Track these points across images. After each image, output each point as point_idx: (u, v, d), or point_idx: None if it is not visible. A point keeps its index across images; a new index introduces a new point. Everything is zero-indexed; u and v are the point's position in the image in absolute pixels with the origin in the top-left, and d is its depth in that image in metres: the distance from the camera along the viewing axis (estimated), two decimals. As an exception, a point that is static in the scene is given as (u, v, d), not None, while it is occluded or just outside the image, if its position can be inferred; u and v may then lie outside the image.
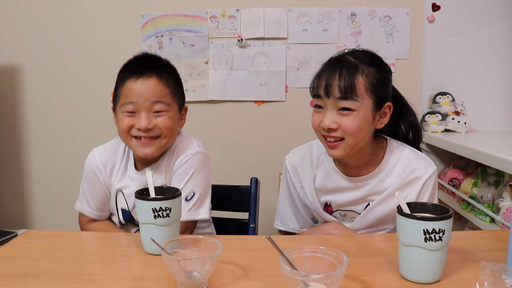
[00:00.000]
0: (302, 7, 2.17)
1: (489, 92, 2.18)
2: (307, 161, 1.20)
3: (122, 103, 1.11)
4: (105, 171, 1.21)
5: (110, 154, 1.22)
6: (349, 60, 1.06)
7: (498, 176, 1.70)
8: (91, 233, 1.11)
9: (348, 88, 1.02)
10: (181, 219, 0.99)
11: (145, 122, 1.08)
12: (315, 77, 1.10)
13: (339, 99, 1.03)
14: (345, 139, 1.04)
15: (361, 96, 1.03)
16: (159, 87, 1.11)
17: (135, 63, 1.15)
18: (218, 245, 0.78)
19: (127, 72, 1.12)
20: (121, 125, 1.11)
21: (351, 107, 1.03)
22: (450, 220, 0.76)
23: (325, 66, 1.09)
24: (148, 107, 1.10)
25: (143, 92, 1.09)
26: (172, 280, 0.79)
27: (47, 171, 2.36)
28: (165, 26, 2.21)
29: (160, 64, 1.15)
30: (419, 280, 0.78)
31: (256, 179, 1.41)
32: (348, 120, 1.03)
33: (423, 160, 1.12)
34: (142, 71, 1.10)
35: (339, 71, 1.03)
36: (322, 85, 1.05)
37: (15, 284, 0.80)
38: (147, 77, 1.10)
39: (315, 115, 1.09)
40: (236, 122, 2.25)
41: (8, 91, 2.32)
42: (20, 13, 2.27)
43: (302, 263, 0.74)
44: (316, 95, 1.07)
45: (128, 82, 1.10)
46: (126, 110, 1.10)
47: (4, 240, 1.94)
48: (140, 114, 1.09)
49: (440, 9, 2.15)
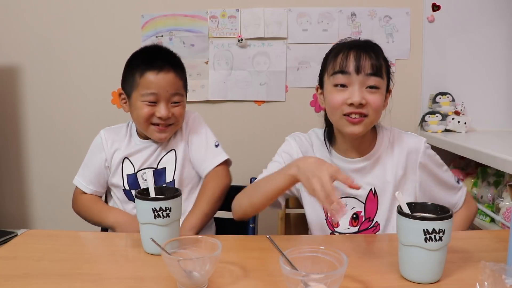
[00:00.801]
0: (302, 7, 2.17)
1: (489, 92, 2.18)
2: (307, 145, 1.23)
3: (143, 93, 1.21)
4: (107, 145, 1.32)
5: (114, 132, 1.36)
6: (369, 43, 1.12)
7: (498, 176, 1.70)
8: (91, 233, 1.11)
9: (378, 65, 1.07)
10: (217, 163, 1.29)
11: (166, 112, 1.22)
12: (331, 58, 1.12)
13: (369, 75, 1.06)
14: (369, 116, 1.08)
15: (384, 76, 1.09)
16: (176, 80, 1.24)
17: (153, 56, 1.24)
18: (218, 245, 0.78)
19: (147, 65, 1.22)
20: (141, 113, 1.22)
21: (378, 85, 1.07)
22: (450, 220, 0.76)
23: (342, 47, 1.11)
24: (167, 98, 1.23)
25: (164, 84, 1.21)
26: (172, 280, 0.79)
27: (47, 171, 2.36)
28: (165, 26, 2.21)
29: (175, 59, 1.29)
30: (419, 280, 0.78)
31: (256, 179, 1.41)
32: (375, 97, 1.07)
33: (412, 136, 1.20)
34: (161, 65, 1.21)
35: (365, 51, 1.07)
36: (351, 61, 1.07)
37: (15, 284, 0.80)
38: (166, 71, 1.22)
39: (336, 93, 1.09)
40: (236, 122, 2.25)
41: (8, 91, 2.32)
42: (20, 13, 2.27)
43: (302, 263, 0.74)
44: (343, 71, 1.07)
45: (149, 74, 1.21)
46: (147, 100, 1.21)
47: (4, 240, 1.94)
48: (160, 104, 1.22)
49: (440, 9, 2.15)
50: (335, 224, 1.17)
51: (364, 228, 1.16)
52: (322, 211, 1.18)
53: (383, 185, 1.15)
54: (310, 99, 2.20)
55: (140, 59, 1.25)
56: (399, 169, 1.15)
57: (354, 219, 1.16)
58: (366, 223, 1.16)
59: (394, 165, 1.15)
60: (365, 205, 1.16)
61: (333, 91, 1.09)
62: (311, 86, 2.18)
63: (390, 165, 1.16)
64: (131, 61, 1.27)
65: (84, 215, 1.29)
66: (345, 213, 1.04)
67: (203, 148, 1.32)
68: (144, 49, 1.29)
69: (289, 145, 1.23)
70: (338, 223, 1.17)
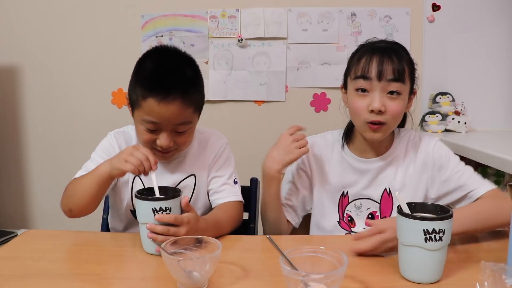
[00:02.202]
0: (302, 7, 2.17)
1: (489, 92, 2.18)
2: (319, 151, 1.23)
3: (143, 118, 1.04)
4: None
5: (125, 140, 1.20)
6: (392, 47, 1.11)
7: (498, 176, 1.70)
8: (91, 233, 1.11)
9: (400, 72, 1.06)
10: (234, 199, 1.16)
11: (167, 142, 1.05)
12: (355, 61, 1.11)
13: (391, 81, 1.06)
14: (386, 123, 1.08)
15: (406, 80, 1.08)
16: (183, 110, 1.04)
17: (158, 77, 1.03)
18: (218, 245, 0.78)
19: (149, 86, 1.02)
20: (141, 138, 1.09)
21: (399, 90, 1.07)
22: (450, 220, 0.76)
23: (366, 51, 1.11)
24: (170, 128, 1.06)
25: (166, 115, 1.02)
26: (172, 280, 0.79)
27: (47, 171, 2.36)
28: (165, 26, 2.21)
29: (185, 81, 1.06)
30: (419, 280, 0.78)
31: (256, 179, 1.41)
32: (394, 104, 1.07)
33: (426, 136, 1.20)
34: (166, 92, 1.00)
35: (388, 56, 1.07)
36: (373, 67, 1.06)
37: (15, 284, 0.80)
38: (171, 99, 1.01)
39: (358, 99, 1.09)
40: (236, 122, 2.25)
41: (8, 91, 2.32)
42: (20, 13, 2.27)
43: (302, 263, 0.74)
44: (365, 76, 1.07)
45: (150, 100, 1.01)
46: (147, 127, 1.05)
47: (4, 240, 1.94)
48: (162, 133, 1.05)
49: (440, 9, 2.15)
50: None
51: None
52: (336, 213, 1.20)
53: (398, 185, 1.16)
54: (310, 99, 2.20)
55: (147, 73, 1.05)
56: (413, 170, 1.16)
57: (370, 219, 1.18)
58: None
59: (409, 165, 1.16)
60: (380, 204, 1.17)
61: (355, 96, 1.10)
62: (311, 86, 2.18)
63: (405, 165, 1.16)
64: (140, 66, 1.08)
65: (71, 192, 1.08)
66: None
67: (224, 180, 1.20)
68: (155, 56, 1.08)
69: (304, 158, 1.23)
70: (355, 222, 1.18)
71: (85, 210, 1.06)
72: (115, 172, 0.99)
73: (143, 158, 0.96)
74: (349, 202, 1.19)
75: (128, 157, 0.97)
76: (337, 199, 1.20)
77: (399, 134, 1.20)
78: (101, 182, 1.02)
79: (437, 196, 1.14)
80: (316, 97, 2.18)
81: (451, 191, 1.11)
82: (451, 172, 1.12)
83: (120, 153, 1.01)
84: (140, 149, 0.98)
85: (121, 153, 1.00)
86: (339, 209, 1.20)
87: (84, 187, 1.04)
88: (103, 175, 1.01)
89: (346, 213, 1.19)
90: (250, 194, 1.38)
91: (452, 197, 1.11)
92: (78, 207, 1.05)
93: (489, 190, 1.06)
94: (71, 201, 1.07)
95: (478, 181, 1.09)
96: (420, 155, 1.16)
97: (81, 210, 1.06)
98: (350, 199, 1.19)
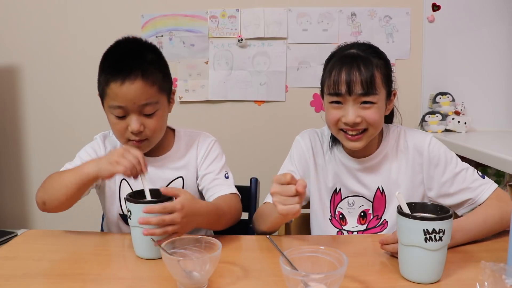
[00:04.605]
0: (302, 7, 2.17)
1: (489, 92, 2.18)
2: (318, 144, 1.22)
3: (109, 104, 1.07)
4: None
5: (111, 143, 1.22)
6: (361, 55, 1.07)
7: (498, 176, 1.70)
8: (91, 233, 1.10)
9: (370, 84, 1.04)
10: (229, 191, 1.13)
11: (136, 125, 1.05)
12: (327, 74, 1.10)
13: (362, 95, 1.04)
14: (368, 130, 1.07)
15: (379, 89, 1.06)
16: (146, 89, 1.05)
17: (117, 61, 1.07)
18: (218, 245, 0.78)
19: (110, 72, 1.06)
20: (115, 128, 1.10)
21: (373, 101, 1.05)
22: (450, 220, 0.76)
23: (336, 62, 1.09)
24: (137, 110, 1.06)
25: (130, 96, 1.04)
26: (172, 280, 0.79)
27: (47, 171, 2.32)
28: (165, 26, 2.21)
29: (144, 61, 1.08)
30: (419, 280, 0.78)
31: (256, 179, 1.41)
32: (370, 112, 1.06)
33: (418, 133, 1.17)
34: (126, 73, 1.03)
35: (357, 67, 1.04)
36: (343, 82, 1.05)
37: (15, 284, 0.80)
38: (132, 79, 1.03)
39: (332, 111, 1.09)
40: (236, 122, 2.25)
41: (8, 91, 2.32)
42: (20, 13, 2.27)
43: (302, 263, 0.74)
44: (336, 93, 1.06)
45: (113, 85, 1.04)
46: (116, 114, 1.07)
47: (4, 240, 1.94)
48: (131, 117, 1.06)
49: (440, 9, 2.15)
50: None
51: (372, 226, 1.16)
52: (328, 209, 1.19)
53: (391, 184, 1.15)
54: (310, 99, 2.20)
55: (107, 61, 1.09)
56: (406, 167, 1.14)
57: (362, 217, 1.17)
58: (374, 221, 1.16)
59: (401, 163, 1.15)
60: (373, 203, 1.16)
61: (330, 108, 1.10)
62: (311, 86, 2.18)
63: (397, 163, 1.15)
64: (103, 57, 1.11)
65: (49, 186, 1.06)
66: None
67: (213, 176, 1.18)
68: (115, 45, 1.12)
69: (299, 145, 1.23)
70: (346, 220, 1.18)
71: (60, 207, 1.03)
72: (104, 173, 0.96)
73: (135, 161, 0.94)
74: (341, 199, 1.18)
75: (119, 159, 0.94)
76: (329, 195, 1.19)
77: (388, 131, 1.18)
78: (84, 181, 0.98)
79: (436, 197, 1.12)
80: (316, 97, 2.18)
81: (452, 194, 1.09)
82: (450, 174, 1.09)
83: (109, 155, 0.98)
84: (131, 151, 0.96)
85: (111, 155, 0.97)
86: (330, 206, 1.19)
87: (64, 184, 1.00)
88: (88, 175, 0.98)
89: (338, 211, 1.18)
90: (250, 194, 1.38)
91: (453, 200, 1.09)
92: (53, 202, 1.03)
93: (492, 192, 1.05)
94: (47, 194, 1.04)
95: (480, 183, 1.07)
96: (413, 152, 1.14)
97: (55, 206, 1.03)
98: (342, 196, 1.18)
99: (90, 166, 0.98)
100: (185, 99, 2.24)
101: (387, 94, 1.10)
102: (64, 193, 1.01)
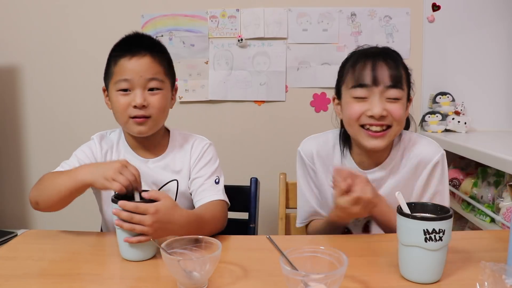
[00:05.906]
0: (302, 7, 2.17)
1: (489, 92, 2.18)
2: (322, 151, 1.18)
3: (116, 80, 1.10)
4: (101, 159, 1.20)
5: (107, 144, 1.22)
6: (386, 51, 1.07)
7: (498, 176, 1.70)
8: (91, 233, 1.10)
9: (397, 76, 1.02)
10: (216, 198, 1.12)
11: (140, 99, 1.07)
12: (348, 69, 1.07)
13: (389, 87, 1.02)
14: (392, 127, 1.04)
15: (404, 86, 1.05)
16: (153, 65, 1.10)
17: (128, 42, 1.14)
18: (218, 245, 0.78)
19: (120, 51, 1.11)
20: (117, 105, 1.10)
21: (398, 96, 1.03)
22: (450, 220, 0.76)
23: (359, 57, 1.06)
24: (142, 84, 1.09)
25: (137, 69, 1.08)
26: (172, 280, 0.79)
27: (47, 171, 2.34)
28: (165, 26, 2.21)
29: (153, 44, 1.15)
30: (419, 280, 0.78)
31: (256, 179, 1.41)
32: (396, 107, 1.03)
33: (431, 144, 1.13)
34: (136, 50, 1.09)
35: (384, 60, 1.03)
36: (369, 73, 1.03)
37: (15, 284, 0.80)
38: (141, 55, 1.09)
39: (354, 105, 1.05)
40: (236, 122, 2.25)
41: (8, 91, 2.32)
42: (20, 13, 2.27)
43: (302, 263, 0.74)
44: (361, 84, 1.03)
45: (122, 61, 1.09)
46: (120, 87, 1.09)
47: (4, 240, 1.94)
48: (135, 91, 1.09)
49: (440, 9, 2.15)
50: None
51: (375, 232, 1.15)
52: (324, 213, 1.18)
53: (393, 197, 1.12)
54: (310, 99, 2.19)
55: (118, 47, 1.14)
56: (413, 177, 1.11)
57: (365, 228, 1.16)
58: (378, 228, 1.13)
59: (410, 174, 1.11)
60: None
61: (352, 102, 1.06)
62: (311, 86, 2.18)
63: (405, 173, 1.12)
64: (110, 53, 1.16)
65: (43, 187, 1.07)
66: None
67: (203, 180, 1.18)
68: (123, 38, 1.17)
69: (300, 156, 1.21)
70: (351, 230, 1.17)
71: (52, 207, 1.04)
72: (98, 186, 0.95)
73: (132, 178, 0.93)
74: None
75: (115, 175, 0.92)
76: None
77: (397, 139, 1.14)
78: (77, 187, 0.98)
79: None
80: (316, 97, 2.18)
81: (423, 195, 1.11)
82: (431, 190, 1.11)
83: (106, 168, 0.95)
84: (129, 167, 0.95)
85: (108, 168, 0.94)
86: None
87: (58, 186, 1.01)
88: (82, 182, 0.97)
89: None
90: (249, 194, 1.38)
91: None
92: (46, 203, 1.03)
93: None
94: (40, 195, 1.05)
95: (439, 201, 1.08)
96: (418, 164, 1.11)
97: (48, 206, 1.04)
98: None
99: (85, 173, 0.98)
100: (185, 99, 2.24)
101: (408, 94, 1.08)
102: (57, 195, 1.01)
